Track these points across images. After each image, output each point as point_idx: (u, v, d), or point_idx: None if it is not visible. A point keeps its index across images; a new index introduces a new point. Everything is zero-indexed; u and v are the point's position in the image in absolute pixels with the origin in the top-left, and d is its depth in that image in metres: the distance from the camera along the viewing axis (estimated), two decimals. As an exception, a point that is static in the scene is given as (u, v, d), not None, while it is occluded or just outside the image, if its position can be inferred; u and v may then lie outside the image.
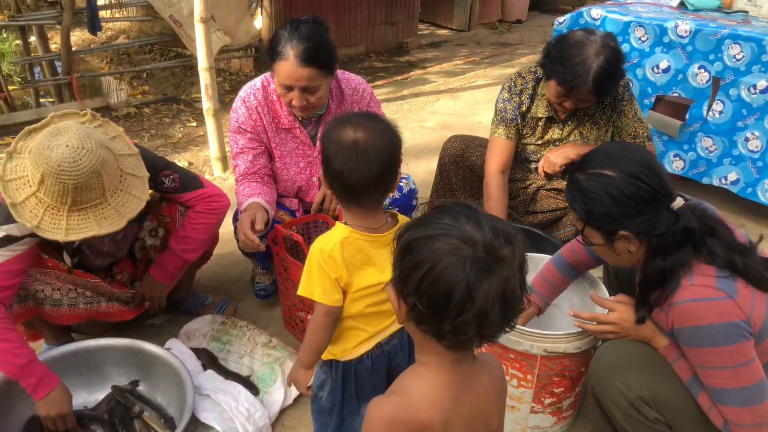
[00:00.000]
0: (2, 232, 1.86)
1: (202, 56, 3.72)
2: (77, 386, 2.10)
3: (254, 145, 2.40)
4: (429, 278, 1.00)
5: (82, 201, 1.80)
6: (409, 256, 1.04)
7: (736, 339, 1.47)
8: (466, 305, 0.98)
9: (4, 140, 5.13)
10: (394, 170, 1.48)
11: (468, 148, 2.92)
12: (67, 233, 1.80)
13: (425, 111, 5.48)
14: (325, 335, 1.53)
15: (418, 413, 1.07)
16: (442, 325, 1.02)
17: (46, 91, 6.93)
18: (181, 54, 7.58)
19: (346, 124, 1.45)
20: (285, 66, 2.13)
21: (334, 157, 1.43)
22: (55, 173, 1.72)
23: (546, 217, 2.85)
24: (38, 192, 1.77)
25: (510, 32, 9.99)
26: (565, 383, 1.92)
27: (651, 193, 1.55)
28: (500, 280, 0.99)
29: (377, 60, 8.23)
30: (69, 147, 1.73)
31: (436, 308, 1.01)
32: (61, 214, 1.80)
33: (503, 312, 1.01)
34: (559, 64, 2.40)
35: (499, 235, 1.02)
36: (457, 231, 1.01)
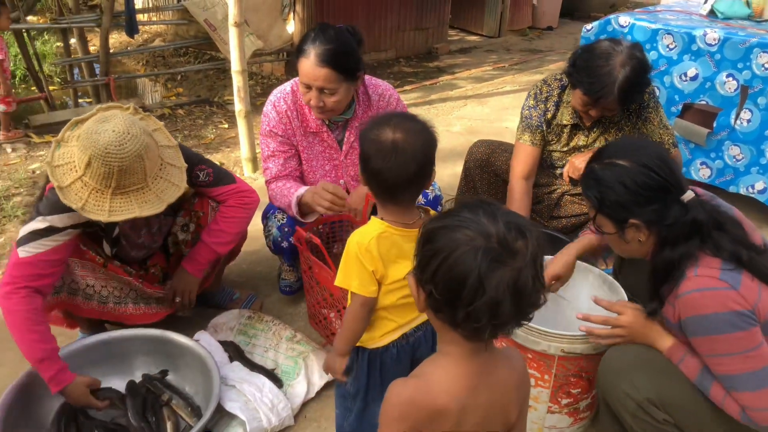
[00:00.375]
0: (46, 223, 1.96)
1: (235, 60, 3.82)
2: (110, 374, 2.19)
3: (285, 148, 2.47)
4: (444, 266, 1.05)
5: (125, 184, 1.90)
6: (428, 245, 1.10)
7: (741, 326, 1.50)
8: (477, 293, 1.02)
9: (44, 138, 5.30)
10: (429, 169, 1.54)
11: (493, 153, 2.95)
12: (110, 214, 1.89)
13: (452, 116, 5.52)
14: (361, 325, 1.59)
15: (435, 398, 1.12)
16: (456, 312, 1.06)
17: (84, 92, 7.13)
18: (215, 57, 7.73)
19: (385, 124, 1.50)
20: (305, 64, 2.20)
21: (373, 157, 1.48)
22: (101, 156, 1.82)
23: (570, 222, 2.87)
24: (84, 176, 1.88)
25: (540, 39, 9.98)
26: (582, 384, 1.95)
27: (662, 183, 1.60)
28: (512, 272, 1.03)
29: (406, 65, 8.30)
30: (115, 132, 1.84)
31: (450, 296, 1.06)
32: (104, 197, 1.89)
33: (515, 303, 1.04)
34: (586, 74, 2.42)
35: (513, 229, 1.06)
36: (473, 223, 1.06)
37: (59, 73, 7.79)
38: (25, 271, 1.94)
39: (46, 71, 7.00)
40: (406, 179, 1.48)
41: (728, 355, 1.53)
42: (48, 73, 7.24)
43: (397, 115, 1.58)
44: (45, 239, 1.96)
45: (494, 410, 1.20)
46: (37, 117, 5.77)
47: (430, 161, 1.53)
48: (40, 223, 1.96)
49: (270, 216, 2.54)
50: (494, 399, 1.19)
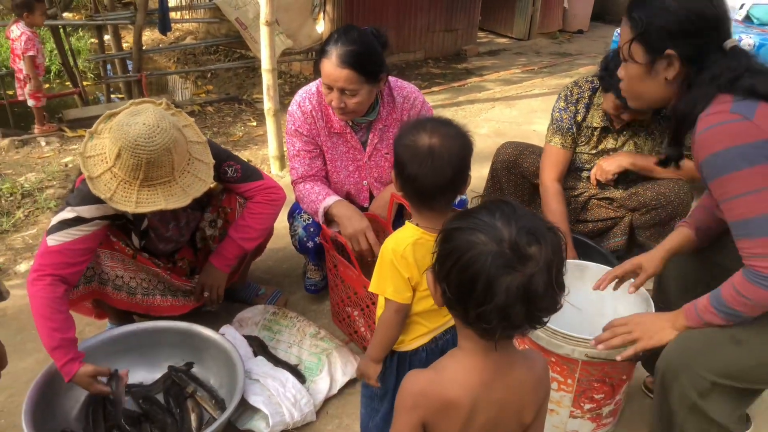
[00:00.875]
0: (74, 213, 2.01)
1: (266, 58, 3.86)
2: (137, 364, 2.23)
3: (310, 148, 2.49)
4: (457, 267, 1.07)
5: (153, 177, 1.94)
6: (444, 244, 1.11)
7: (756, 160, 1.39)
8: (487, 297, 1.03)
9: (77, 132, 5.41)
10: (466, 174, 1.53)
11: (521, 155, 2.95)
12: (137, 205, 1.94)
13: (480, 118, 5.51)
14: (395, 331, 1.58)
15: (446, 390, 1.14)
16: (467, 312, 1.08)
17: (116, 88, 7.26)
18: (245, 55, 7.81)
19: (421, 128, 1.48)
20: (327, 65, 2.21)
21: (409, 163, 1.46)
22: (131, 147, 1.87)
23: (596, 227, 2.85)
24: (114, 167, 1.92)
25: (570, 42, 9.91)
26: (606, 390, 1.94)
27: (717, 15, 1.50)
28: (523, 277, 1.03)
29: (435, 66, 8.30)
30: (146, 125, 1.89)
31: (461, 296, 1.08)
32: (132, 188, 1.94)
33: (527, 308, 1.04)
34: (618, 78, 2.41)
35: (527, 233, 1.05)
36: (487, 227, 1.06)
37: (93, 68, 7.94)
38: (52, 260, 1.99)
39: (81, 67, 7.14)
40: (443, 185, 1.46)
41: (741, 196, 1.40)
42: (82, 68, 7.39)
43: (432, 119, 1.57)
44: (73, 229, 2.01)
45: (509, 409, 1.20)
46: (70, 111, 5.89)
47: (466, 166, 1.52)
48: (69, 213, 2.01)
49: (296, 216, 2.57)
50: (509, 398, 1.19)
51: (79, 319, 2.60)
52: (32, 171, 4.55)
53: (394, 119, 2.50)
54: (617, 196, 2.78)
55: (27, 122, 5.97)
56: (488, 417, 1.17)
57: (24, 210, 3.88)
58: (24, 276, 2.96)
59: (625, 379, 1.96)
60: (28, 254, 3.29)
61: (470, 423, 1.16)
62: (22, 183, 4.26)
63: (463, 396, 1.14)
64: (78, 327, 2.53)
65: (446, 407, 1.14)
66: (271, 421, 1.99)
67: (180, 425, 2.04)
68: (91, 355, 2.14)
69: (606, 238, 2.85)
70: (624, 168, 2.67)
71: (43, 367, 2.05)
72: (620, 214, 2.79)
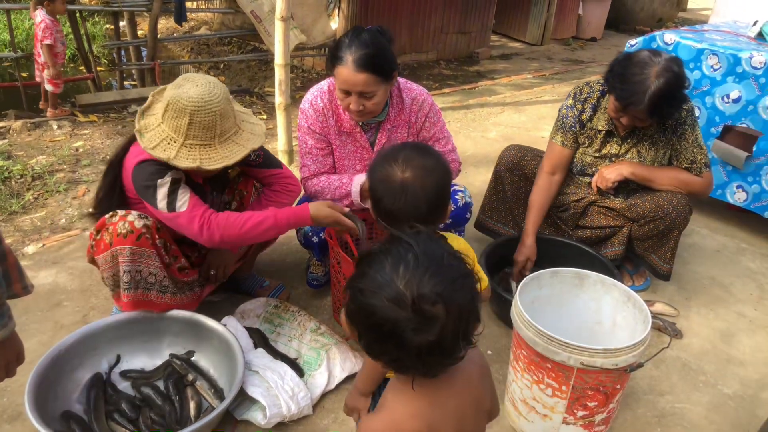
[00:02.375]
0: (168, 179, 2.08)
1: (279, 53, 3.88)
2: (139, 350, 2.27)
3: (322, 146, 2.53)
4: (366, 326, 1.07)
5: (225, 130, 2.07)
6: (351, 304, 1.10)
7: None
8: (400, 354, 1.05)
9: (88, 117, 5.46)
10: (444, 204, 1.48)
11: (525, 157, 2.97)
12: (225, 159, 2.07)
13: (489, 122, 5.53)
14: None
15: (403, 426, 1.13)
16: (383, 360, 1.10)
17: (128, 75, 7.30)
18: (258, 48, 7.84)
19: (393, 161, 1.43)
20: (343, 71, 2.23)
21: (383, 197, 1.43)
22: (202, 108, 1.98)
23: (595, 234, 2.88)
24: (186, 140, 2.03)
25: (583, 50, 9.90)
26: (600, 398, 1.96)
27: None
28: (432, 336, 1.03)
29: (447, 68, 8.31)
30: (198, 86, 2.00)
31: (374, 350, 1.09)
32: (214, 149, 2.07)
33: (442, 356, 1.07)
34: (619, 80, 2.46)
35: (431, 293, 1.02)
36: (389, 288, 1.03)
37: (107, 54, 8.00)
38: (197, 210, 2.09)
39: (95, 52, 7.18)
40: (418, 219, 1.41)
41: None
42: (96, 54, 7.43)
43: (407, 148, 1.48)
44: (181, 189, 2.10)
45: (469, 410, 1.21)
46: (83, 96, 5.94)
47: (442, 199, 1.46)
48: (164, 186, 2.07)
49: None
50: (463, 401, 1.20)
51: (84, 302, 2.66)
52: (43, 154, 4.60)
53: (403, 120, 2.53)
54: (617, 205, 2.80)
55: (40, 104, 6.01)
56: (452, 426, 1.17)
57: (33, 192, 3.92)
58: (32, 258, 3.00)
59: (618, 388, 1.98)
60: (35, 236, 3.34)
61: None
62: (32, 165, 4.30)
63: (417, 424, 1.13)
64: (82, 311, 2.60)
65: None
66: (269, 413, 2.03)
67: (179, 413, 2.08)
68: (94, 338, 2.18)
69: (605, 246, 2.87)
70: (624, 177, 2.69)
71: (46, 348, 2.09)
72: (619, 224, 2.81)
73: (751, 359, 2.62)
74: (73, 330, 2.22)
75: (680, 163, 2.71)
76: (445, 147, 2.65)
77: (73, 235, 3.27)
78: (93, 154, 4.64)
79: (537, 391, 2.01)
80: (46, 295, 2.70)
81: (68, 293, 2.73)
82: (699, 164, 2.68)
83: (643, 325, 2.02)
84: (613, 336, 2.22)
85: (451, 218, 2.62)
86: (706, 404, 2.36)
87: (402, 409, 1.14)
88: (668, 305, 2.86)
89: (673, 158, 2.74)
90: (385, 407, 1.17)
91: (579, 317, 2.29)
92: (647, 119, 2.49)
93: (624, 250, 2.82)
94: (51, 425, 1.83)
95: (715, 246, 3.53)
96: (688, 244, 3.48)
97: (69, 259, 3.00)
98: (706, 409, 2.33)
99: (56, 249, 3.10)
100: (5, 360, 1.46)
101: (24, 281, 1.60)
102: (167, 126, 2.02)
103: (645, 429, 2.22)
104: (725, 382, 2.48)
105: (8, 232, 3.40)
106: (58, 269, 2.91)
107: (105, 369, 2.21)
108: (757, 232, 3.69)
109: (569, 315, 2.29)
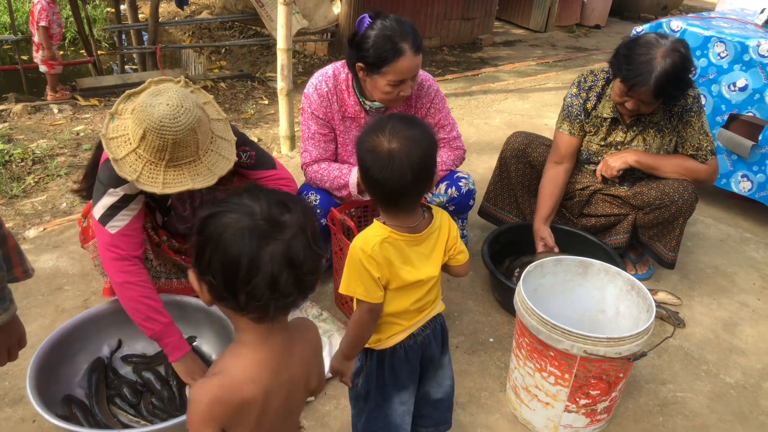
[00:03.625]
0: (120, 193, 2.01)
1: (281, 38, 3.85)
2: (141, 335, 2.23)
3: (326, 131, 2.50)
4: (217, 253, 1.06)
5: (179, 157, 1.92)
6: (199, 236, 1.09)
7: None
8: (252, 272, 1.04)
9: (89, 101, 5.42)
10: (431, 172, 1.48)
11: (531, 144, 2.94)
12: (164, 186, 1.92)
13: (492, 109, 5.49)
14: (367, 331, 1.57)
15: (241, 391, 1.11)
16: (238, 296, 1.07)
17: (129, 59, 7.26)
18: (259, 33, 7.79)
19: (380, 132, 1.44)
20: (405, 62, 2.22)
21: (371, 167, 1.44)
22: (156, 129, 1.85)
23: (600, 222, 2.86)
24: (138, 148, 1.91)
25: (587, 37, 9.82)
26: (602, 386, 1.96)
27: None
28: (282, 243, 1.05)
29: (450, 54, 8.25)
30: (169, 105, 1.86)
31: (228, 281, 1.06)
32: (158, 170, 1.93)
33: (293, 275, 1.06)
34: (625, 61, 2.43)
35: (277, 204, 1.08)
36: (237, 206, 1.08)
37: (107, 38, 7.94)
38: (124, 243, 2.00)
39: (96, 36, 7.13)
40: (408, 186, 1.44)
41: None
42: (97, 37, 7.38)
43: (393, 118, 1.50)
44: (125, 210, 2.01)
45: (297, 385, 1.22)
46: (84, 80, 5.90)
47: (429, 168, 1.47)
48: (113, 195, 2.00)
49: (303, 198, 2.58)
50: (294, 374, 1.20)
51: (85, 286, 2.65)
52: (44, 138, 4.57)
53: (409, 105, 2.52)
54: (622, 193, 2.78)
55: (40, 88, 5.99)
56: (279, 401, 1.17)
57: (34, 176, 3.91)
58: (33, 242, 2.99)
59: (621, 377, 1.97)
60: (36, 220, 3.33)
61: (265, 413, 1.15)
62: (33, 149, 4.28)
63: (257, 391, 1.12)
64: (83, 295, 2.60)
65: (243, 408, 1.12)
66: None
67: (178, 398, 2.07)
68: (95, 323, 2.17)
69: (609, 234, 2.86)
70: (629, 165, 2.67)
71: (47, 333, 2.08)
72: (624, 212, 2.79)
73: (754, 349, 2.62)
74: (74, 314, 2.21)
75: (686, 150, 2.69)
76: (450, 134, 2.63)
77: (74, 219, 3.26)
78: (94, 139, 4.62)
79: (539, 379, 2.01)
80: (47, 279, 2.70)
81: (69, 277, 2.72)
82: (705, 151, 2.66)
83: (647, 314, 2.01)
84: (617, 325, 2.21)
85: (455, 205, 2.60)
86: (708, 393, 2.36)
87: (241, 374, 1.13)
88: (671, 294, 2.85)
89: (678, 145, 2.71)
90: (222, 372, 1.14)
91: (582, 305, 2.29)
92: (653, 102, 2.47)
93: (629, 238, 2.80)
94: (52, 409, 1.82)
95: (719, 235, 3.52)
96: (692, 234, 3.47)
97: (70, 243, 2.99)
98: (707, 398, 2.33)
99: (57, 233, 3.09)
100: (7, 344, 1.46)
101: (25, 265, 1.59)
102: (131, 122, 1.93)
103: (647, 417, 2.22)
104: (727, 371, 2.48)
105: (9, 216, 3.39)
106: (59, 253, 2.90)
107: (106, 353, 2.20)
108: (761, 222, 3.68)
109: (572, 303, 2.29)
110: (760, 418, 2.26)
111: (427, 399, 1.77)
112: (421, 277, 1.54)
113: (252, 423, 1.13)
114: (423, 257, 1.55)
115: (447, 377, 1.77)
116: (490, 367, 2.39)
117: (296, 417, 1.32)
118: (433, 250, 1.57)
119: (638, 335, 1.86)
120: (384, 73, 2.25)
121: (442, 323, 1.71)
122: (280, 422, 1.21)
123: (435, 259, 1.58)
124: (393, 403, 1.66)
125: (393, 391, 1.66)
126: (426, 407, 1.78)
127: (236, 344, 1.17)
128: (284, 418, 1.22)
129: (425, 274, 1.55)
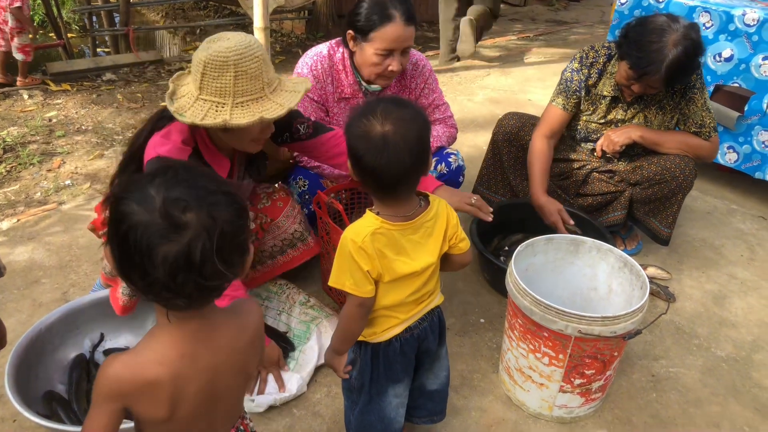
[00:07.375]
0: None
1: (258, 16, 3.74)
2: (124, 328, 2.19)
3: (320, 115, 2.44)
4: (117, 239, 1.01)
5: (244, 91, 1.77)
6: (109, 214, 1.04)
7: None
8: (147, 269, 0.98)
9: (61, 86, 5.27)
10: (427, 156, 1.42)
11: (524, 127, 2.87)
12: (231, 117, 1.76)
13: (475, 85, 5.43)
14: (358, 325, 1.52)
15: (144, 371, 1.08)
16: (136, 284, 1.02)
17: (101, 42, 7.07)
18: (235, 12, 7.63)
19: (371, 115, 1.35)
20: (393, 28, 2.15)
21: (364, 155, 1.35)
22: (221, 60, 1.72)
23: (596, 200, 2.82)
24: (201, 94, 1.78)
25: (566, 10, 9.75)
26: (597, 366, 1.93)
27: None
28: (179, 246, 0.98)
29: (429, 30, 8.15)
30: (230, 40, 1.75)
31: (125, 268, 1.02)
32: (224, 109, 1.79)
33: (192, 279, 1.00)
34: (636, 47, 2.36)
35: (182, 200, 1.00)
36: (142, 196, 1.00)
37: (77, 20, 7.72)
38: None
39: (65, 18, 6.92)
40: (404, 173, 1.36)
41: None
42: (66, 20, 7.17)
43: (382, 101, 1.41)
44: None
45: (226, 372, 1.17)
46: (54, 64, 5.72)
47: (426, 148, 1.40)
48: None
49: (291, 182, 2.51)
50: (220, 361, 1.15)
51: (63, 278, 2.57)
52: (14, 125, 4.43)
53: (404, 86, 2.48)
54: (620, 168, 2.74)
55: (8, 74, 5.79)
56: (200, 386, 1.13)
57: (6, 165, 3.78)
58: (6, 234, 2.89)
59: (616, 355, 1.95)
60: (10, 211, 3.22)
61: (179, 396, 1.11)
62: (4, 137, 4.15)
63: (163, 373, 1.08)
64: (62, 288, 2.52)
65: (146, 389, 1.08)
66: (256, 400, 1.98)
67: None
68: (75, 316, 2.11)
69: (605, 212, 2.82)
70: (632, 140, 2.62)
71: (25, 328, 2.01)
72: (621, 189, 2.75)
73: (744, 321, 2.61)
74: (52, 308, 2.14)
75: (688, 127, 2.64)
76: (445, 113, 2.60)
77: (49, 209, 3.16)
78: (67, 125, 4.48)
79: (533, 360, 1.98)
80: (23, 272, 2.61)
81: (46, 270, 2.63)
82: (708, 128, 2.62)
83: (641, 291, 1.99)
84: (609, 302, 2.19)
85: (444, 181, 2.54)
86: (700, 367, 2.35)
87: (149, 354, 1.10)
88: (661, 269, 2.83)
89: (680, 122, 2.66)
90: (136, 349, 1.12)
91: (573, 284, 2.26)
92: (661, 88, 2.42)
93: (625, 214, 2.77)
94: (33, 407, 1.76)
95: (706, 208, 3.51)
96: (678, 207, 3.45)
97: (46, 234, 2.89)
98: (700, 373, 2.32)
99: (32, 224, 2.99)
100: None
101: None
102: (209, 94, 1.78)
103: (640, 394, 2.21)
104: (718, 344, 2.47)
105: (-19, 207, 3.28)
106: (34, 245, 2.80)
107: (88, 348, 2.14)
108: (747, 193, 3.67)
109: (564, 281, 2.25)
110: (752, 390, 2.26)
111: (422, 390, 1.74)
112: (417, 268, 1.48)
113: (163, 405, 1.09)
114: (418, 246, 1.49)
115: (443, 368, 1.74)
116: (482, 348, 2.36)
117: (230, 404, 1.26)
118: (429, 237, 1.51)
119: (633, 313, 1.84)
120: (372, 39, 2.18)
121: (439, 315, 1.66)
122: (204, 408, 1.16)
123: (432, 247, 1.52)
124: (387, 396, 1.62)
125: (387, 384, 1.62)
126: (421, 398, 1.75)
127: (155, 326, 1.14)
128: (210, 405, 1.17)
129: (421, 263, 1.49)
